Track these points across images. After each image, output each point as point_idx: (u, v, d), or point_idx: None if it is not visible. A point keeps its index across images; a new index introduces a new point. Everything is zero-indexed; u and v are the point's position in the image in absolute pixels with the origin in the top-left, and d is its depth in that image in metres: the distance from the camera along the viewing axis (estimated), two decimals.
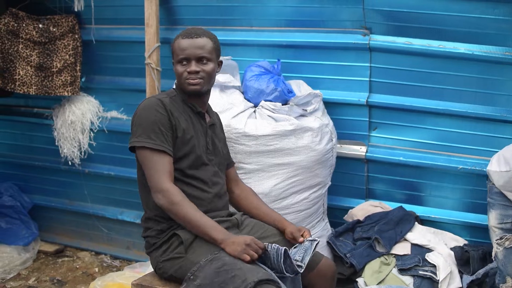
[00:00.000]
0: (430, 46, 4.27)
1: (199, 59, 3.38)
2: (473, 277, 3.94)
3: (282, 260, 3.05)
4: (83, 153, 5.44)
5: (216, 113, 3.80)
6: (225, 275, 2.97)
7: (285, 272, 3.06)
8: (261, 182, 4.09)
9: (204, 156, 3.44)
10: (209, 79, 3.44)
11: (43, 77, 5.23)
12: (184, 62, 3.39)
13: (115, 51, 5.31)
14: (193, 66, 3.36)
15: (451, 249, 4.16)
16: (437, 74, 4.32)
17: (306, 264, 3.15)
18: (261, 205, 3.73)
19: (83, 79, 5.40)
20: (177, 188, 3.23)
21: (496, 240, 3.77)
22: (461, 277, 4.04)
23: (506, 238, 3.72)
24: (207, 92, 3.53)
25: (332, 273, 3.53)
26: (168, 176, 3.24)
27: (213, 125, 3.60)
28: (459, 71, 4.26)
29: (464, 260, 4.08)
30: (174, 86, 3.56)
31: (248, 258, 3.03)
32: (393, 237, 4.23)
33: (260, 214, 3.67)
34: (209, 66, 3.40)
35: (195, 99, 3.48)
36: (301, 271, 3.13)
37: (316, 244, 3.28)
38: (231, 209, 3.72)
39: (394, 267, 4.09)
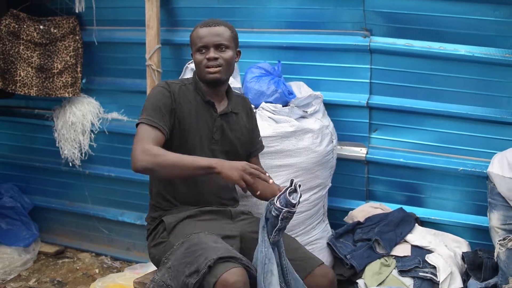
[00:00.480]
0: (431, 48, 4.28)
1: (218, 47, 3.46)
2: (482, 284, 3.92)
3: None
4: (83, 155, 5.45)
5: (242, 99, 3.84)
6: (192, 255, 3.04)
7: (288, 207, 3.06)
8: None
9: (205, 146, 3.50)
10: (228, 67, 3.51)
11: (44, 78, 5.24)
12: (203, 50, 3.46)
13: (116, 52, 5.31)
14: (212, 53, 3.43)
15: (463, 253, 4.14)
16: (437, 76, 4.32)
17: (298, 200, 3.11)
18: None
19: (83, 81, 5.41)
20: (156, 146, 3.21)
21: (498, 241, 3.77)
22: (466, 280, 4.04)
23: (509, 239, 3.72)
24: (225, 81, 3.60)
25: (329, 282, 3.47)
26: (151, 142, 3.22)
27: (227, 114, 3.61)
28: (459, 73, 4.26)
29: (475, 265, 4.06)
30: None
31: (244, 185, 3.10)
32: (393, 239, 4.23)
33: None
34: (228, 54, 3.48)
35: (210, 88, 3.54)
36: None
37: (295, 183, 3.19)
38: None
39: (394, 268, 4.08)
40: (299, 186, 3.10)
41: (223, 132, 3.58)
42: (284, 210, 3.04)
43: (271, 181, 3.17)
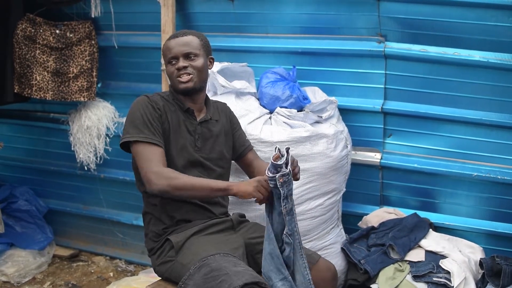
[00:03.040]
0: (445, 53, 4.27)
1: (186, 56, 3.48)
2: None
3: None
4: (98, 158, 5.47)
5: (221, 105, 3.88)
6: (213, 281, 3.01)
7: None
8: None
9: (189, 153, 3.50)
10: (200, 74, 3.51)
11: (60, 83, 5.27)
12: (173, 62, 3.49)
13: (131, 57, 5.33)
14: (181, 62, 3.46)
15: (481, 259, 4.11)
16: (452, 82, 4.32)
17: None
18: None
19: (99, 85, 5.43)
20: (168, 168, 3.30)
21: None
22: (482, 287, 4.03)
23: None
24: (201, 90, 3.59)
25: (332, 274, 3.57)
26: (160, 163, 3.28)
27: (207, 121, 3.63)
28: (474, 79, 4.25)
29: (494, 271, 4.03)
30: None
31: (261, 196, 3.15)
32: (407, 244, 4.23)
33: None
34: (198, 61, 3.49)
35: (187, 97, 3.55)
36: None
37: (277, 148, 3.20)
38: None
39: (408, 273, 4.08)
40: (287, 150, 3.12)
41: (205, 139, 3.60)
42: (277, 176, 3.06)
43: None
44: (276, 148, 3.12)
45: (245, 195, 3.17)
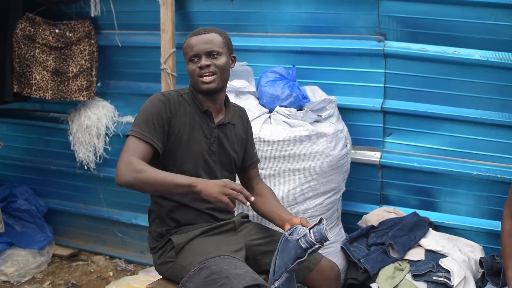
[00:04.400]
0: (445, 52, 4.26)
1: (209, 54, 3.34)
2: None
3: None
4: (98, 158, 5.46)
5: (240, 110, 3.74)
6: (213, 284, 3.00)
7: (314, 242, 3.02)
8: (276, 187, 4.09)
9: (202, 157, 3.42)
10: (222, 73, 3.39)
11: (59, 82, 5.27)
12: (195, 59, 3.35)
13: (131, 56, 5.32)
14: (203, 61, 3.32)
15: (481, 258, 4.10)
16: (451, 81, 4.31)
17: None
18: (274, 209, 3.60)
19: (98, 84, 5.42)
20: (141, 160, 3.13)
21: None
22: (482, 286, 4.02)
23: None
24: (222, 90, 3.47)
25: (335, 274, 3.55)
26: (136, 156, 3.13)
27: (224, 125, 3.51)
28: (473, 78, 4.24)
29: (494, 270, 4.01)
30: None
31: (227, 200, 3.02)
32: (407, 243, 4.23)
33: (273, 219, 3.55)
34: (220, 60, 3.36)
35: (207, 97, 3.44)
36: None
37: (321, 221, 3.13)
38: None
39: (408, 272, 4.08)
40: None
41: (221, 143, 3.49)
42: (316, 246, 3.03)
43: (248, 203, 3.10)
44: (321, 219, 3.09)
45: (209, 197, 3.05)
